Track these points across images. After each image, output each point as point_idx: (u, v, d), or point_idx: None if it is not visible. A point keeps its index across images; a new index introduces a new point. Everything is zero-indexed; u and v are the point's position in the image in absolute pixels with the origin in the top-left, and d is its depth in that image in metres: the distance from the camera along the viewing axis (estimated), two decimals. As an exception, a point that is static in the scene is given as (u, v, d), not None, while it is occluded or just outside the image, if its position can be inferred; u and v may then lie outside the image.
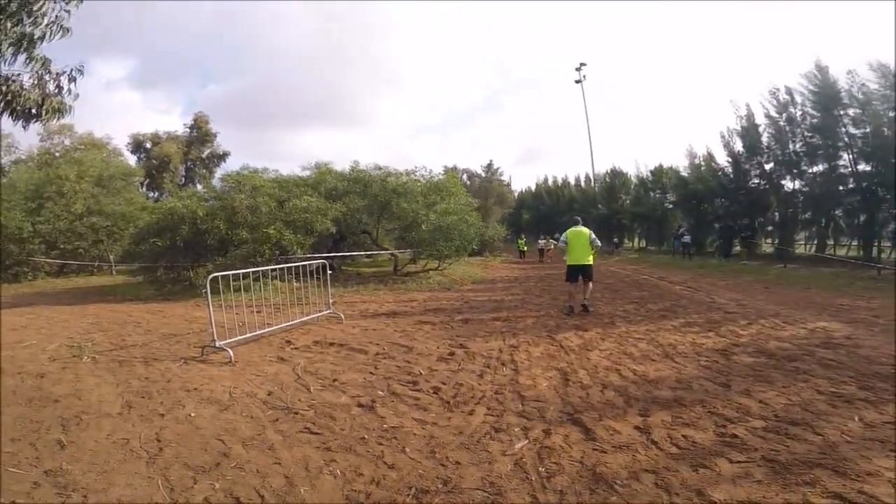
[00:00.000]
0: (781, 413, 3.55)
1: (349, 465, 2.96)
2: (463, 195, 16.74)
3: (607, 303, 9.07)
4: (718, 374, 4.55)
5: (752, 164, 19.69)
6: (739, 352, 5.27)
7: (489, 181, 36.65)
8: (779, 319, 6.92)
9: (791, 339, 5.81)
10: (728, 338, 5.93)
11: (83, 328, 8.03)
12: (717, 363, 4.89)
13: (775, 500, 2.45)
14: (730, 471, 2.77)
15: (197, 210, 13.24)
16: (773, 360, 4.89)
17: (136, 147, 41.68)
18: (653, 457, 2.98)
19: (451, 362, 5.23)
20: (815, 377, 4.31)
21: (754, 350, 5.33)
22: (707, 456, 2.95)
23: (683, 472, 2.77)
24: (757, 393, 3.98)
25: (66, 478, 2.81)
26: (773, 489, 2.55)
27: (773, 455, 2.91)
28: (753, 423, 3.41)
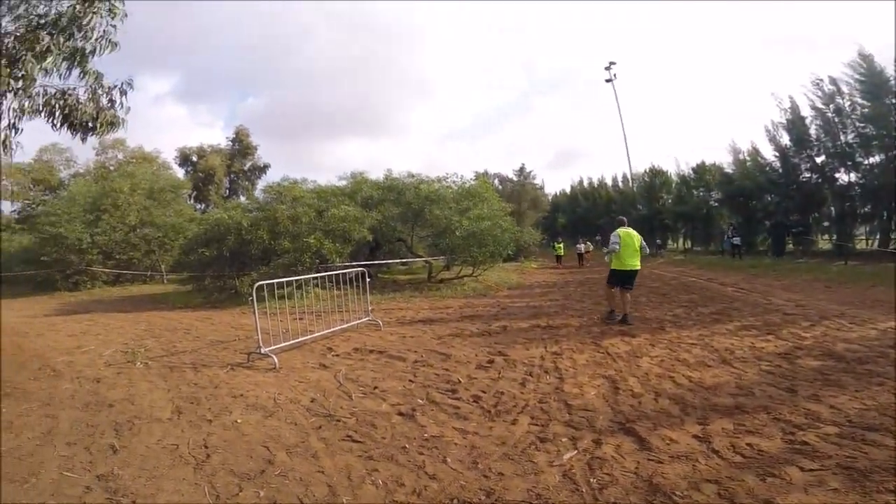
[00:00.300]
0: (856, 418, 3.27)
1: (391, 474, 2.90)
2: (495, 200, 16.57)
3: (654, 307, 8.69)
4: (782, 378, 4.25)
5: (802, 157, 18.62)
6: (804, 355, 4.92)
7: (522, 185, 36.13)
8: (845, 320, 6.43)
9: (860, 340, 5.38)
10: (790, 341, 5.54)
11: (137, 334, 8.37)
12: (781, 367, 4.57)
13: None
14: (801, 479, 2.57)
15: (242, 221, 13.75)
16: (843, 364, 4.53)
17: (183, 160, 43.70)
18: (714, 466, 2.80)
19: (491, 370, 5.10)
20: (891, 380, 3.96)
21: (820, 353, 4.96)
22: (775, 464, 2.74)
23: (749, 482, 2.58)
24: (827, 398, 3.69)
25: (116, 482, 2.87)
26: (852, 497, 2.35)
27: (849, 462, 2.69)
28: (825, 429, 3.16)
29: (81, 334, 8.56)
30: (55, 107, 5.85)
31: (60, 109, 5.83)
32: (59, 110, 5.85)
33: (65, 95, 5.87)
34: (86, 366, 5.98)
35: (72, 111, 5.87)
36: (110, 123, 6.08)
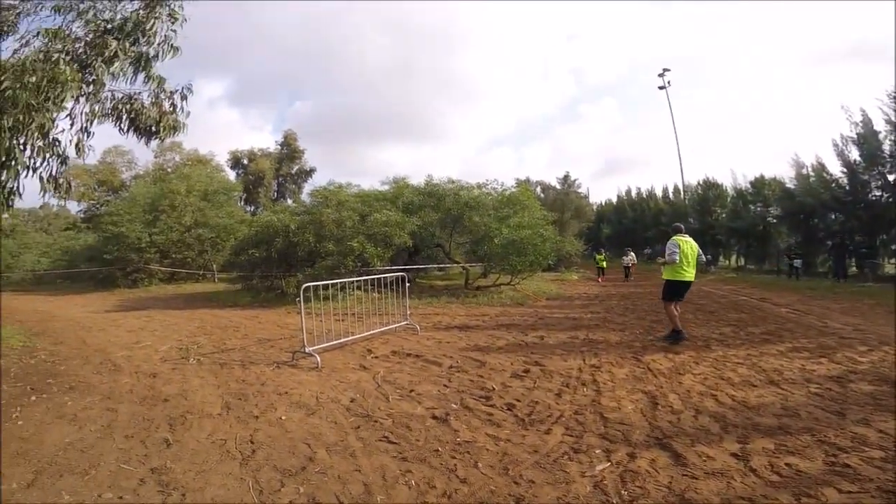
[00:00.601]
0: (906, 445, 3.08)
1: (423, 476, 2.99)
2: (537, 208, 16.30)
3: (700, 325, 8.39)
4: (831, 402, 4.06)
5: (873, 174, 17.27)
6: (857, 379, 4.66)
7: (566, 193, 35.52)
8: (909, 347, 5.98)
9: (926, 368, 5.01)
10: (844, 364, 5.24)
11: (191, 331, 8.88)
12: (831, 391, 4.36)
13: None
14: (838, 500, 2.51)
15: (289, 223, 14.32)
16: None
17: (234, 163, 45.86)
18: (750, 484, 2.75)
19: (526, 379, 5.11)
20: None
21: (875, 378, 4.68)
22: (812, 485, 2.68)
23: (783, 500, 2.54)
24: (877, 423, 3.52)
25: (168, 476, 3.04)
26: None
27: (891, 486, 2.60)
28: (870, 452, 3.04)
29: (139, 330, 9.16)
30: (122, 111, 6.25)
31: (127, 114, 6.22)
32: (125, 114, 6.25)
33: (131, 100, 6.27)
34: (143, 361, 6.40)
35: (137, 115, 6.25)
36: (172, 128, 6.44)
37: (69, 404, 4.54)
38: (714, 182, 28.56)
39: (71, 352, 7.11)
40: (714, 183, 28.50)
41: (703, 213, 27.94)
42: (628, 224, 36.94)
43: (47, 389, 5.05)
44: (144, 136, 6.44)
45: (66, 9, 5.60)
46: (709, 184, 28.78)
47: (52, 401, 4.66)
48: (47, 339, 8.19)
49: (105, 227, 22.17)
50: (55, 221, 42.92)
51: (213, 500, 2.74)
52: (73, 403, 4.57)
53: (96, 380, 5.46)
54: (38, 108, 4.73)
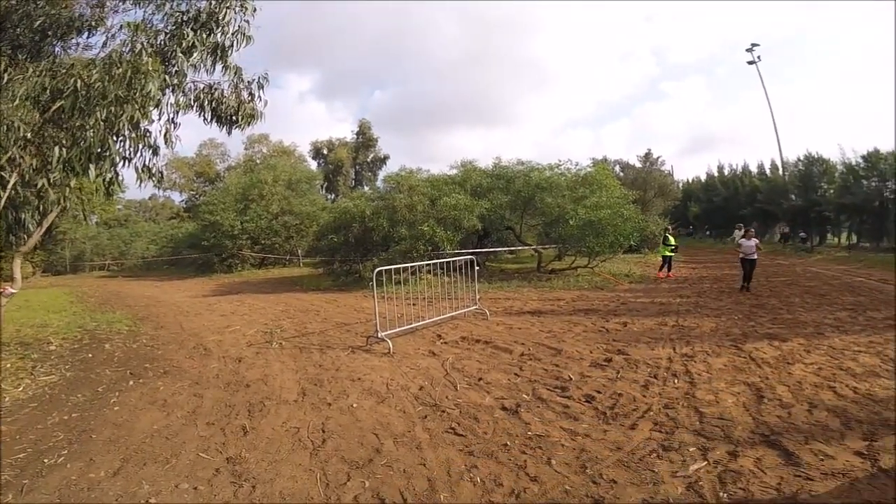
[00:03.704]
0: None
1: (490, 472, 2.81)
2: (616, 187, 15.26)
3: (810, 309, 7.39)
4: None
5: None
6: None
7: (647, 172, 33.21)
8: None
9: None
10: None
11: (275, 315, 9.34)
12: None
13: None
14: None
15: (365, 210, 14.74)
16: None
17: (315, 153, 48.31)
18: (880, 486, 2.37)
19: (608, 369, 4.73)
20: None
21: None
22: None
23: None
24: None
25: (242, 466, 3.08)
26: None
27: None
28: None
29: (231, 314, 9.78)
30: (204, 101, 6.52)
31: (209, 103, 6.48)
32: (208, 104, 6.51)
33: (212, 90, 6.52)
34: (231, 345, 6.76)
35: (218, 104, 6.49)
36: (250, 116, 6.62)
37: (161, 389, 4.84)
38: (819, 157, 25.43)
39: (169, 336, 7.72)
40: (819, 158, 25.39)
41: (807, 190, 25.11)
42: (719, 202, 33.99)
43: (144, 374, 5.45)
44: (226, 125, 6.68)
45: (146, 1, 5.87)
46: (812, 159, 25.68)
47: (146, 385, 5.00)
48: (150, 324, 8.98)
49: (203, 216, 24.17)
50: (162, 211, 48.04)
51: (282, 492, 2.73)
52: (164, 388, 4.87)
53: (188, 364, 5.82)
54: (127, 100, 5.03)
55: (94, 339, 7.61)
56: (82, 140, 5.06)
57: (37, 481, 2.96)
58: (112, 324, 8.92)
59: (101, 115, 4.94)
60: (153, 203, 48.90)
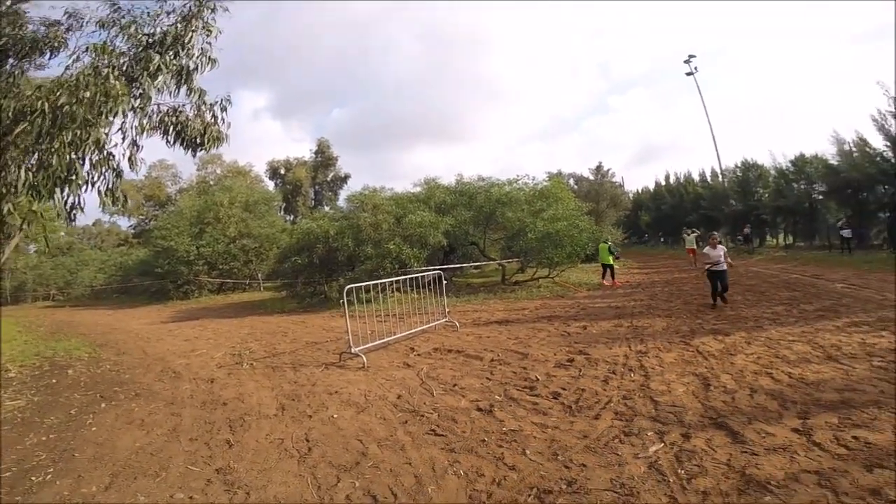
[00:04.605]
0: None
1: (471, 465, 3.04)
2: (570, 199, 16.06)
3: (751, 305, 8.07)
4: (895, 374, 3.85)
5: None
6: (925, 352, 4.36)
7: (599, 183, 34.87)
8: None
9: None
10: (908, 338, 4.92)
11: (242, 338, 9.24)
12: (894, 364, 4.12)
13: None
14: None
15: (329, 230, 14.71)
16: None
17: (272, 173, 47.19)
18: (815, 458, 2.71)
19: (571, 368, 5.08)
20: None
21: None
22: (885, 456, 2.60)
23: (854, 473, 2.49)
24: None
25: (233, 475, 3.20)
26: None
27: None
28: (944, 424, 2.85)
29: (194, 339, 9.60)
30: (168, 124, 6.53)
31: (174, 126, 6.49)
32: (172, 127, 6.52)
33: (176, 112, 6.54)
34: (200, 367, 6.71)
35: (183, 128, 6.51)
36: (216, 139, 6.67)
37: (136, 410, 4.84)
38: (754, 163, 27.51)
39: (133, 361, 7.55)
40: (754, 164, 27.47)
41: (745, 195, 27.03)
42: (667, 210, 35.85)
43: (115, 397, 5.40)
44: (190, 147, 6.68)
45: (110, 23, 5.87)
46: (748, 165, 27.76)
47: (120, 407, 4.98)
48: (111, 350, 8.73)
49: (155, 242, 23.16)
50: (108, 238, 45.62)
51: (276, 497, 2.86)
52: (139, 409, 4.86)
53: (159, 387, 5.78)
54: (94, 123, 5.04)
55: (55, 365, 7.38)
56: (48, 164, 5.02)
57: (29, 497, 3.00)
58: (71, 351, 8.61)
59: (68, 139, 4.94)
60: (98, 229, 46.44)
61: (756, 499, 2.34)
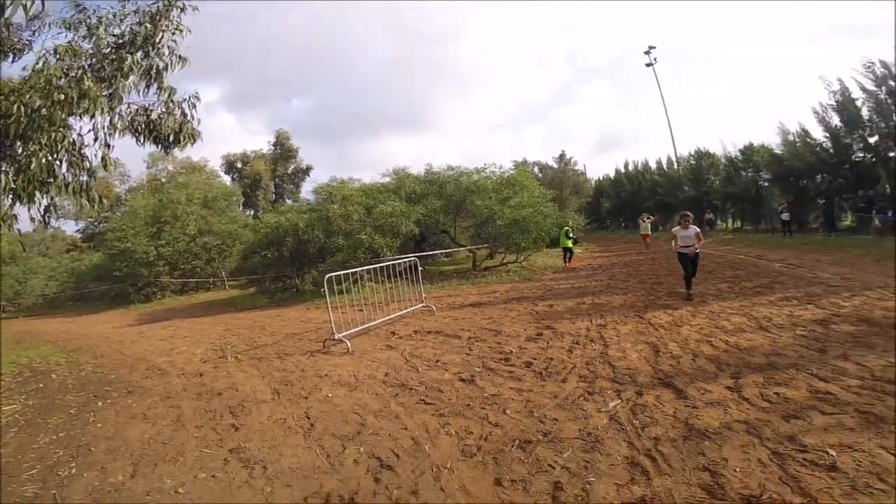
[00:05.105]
0: (879, 374, 3.57)
1: (461, 426, 3.49)
2: (535, 187, 16.74)
3: (698, 283, 8.82)
4: (815, 341, 4.55)
5: (854, 138, 18.17)
6: (840, 321, 5.13)
7: (562, 172, 36.05)
8: (886, 290, 6.46)
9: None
10: (828, 309, 5.72)
11: (219, 334, 9.36)
12: (815, 332, 4.84)
13: (867, 444, 2.61)
14: (822, 421, 2.96)
15: (298, 222, 14.75)
16: (876, 328, 4.74)
17: (228, 168, 45.09)
18: (744, 410, 3.24)
19: (540, 341, 5.64)
20: (925, 340, 4.18)
21: (856, 319, 5.15)
22: (799, 409, 3.15)
23: (775, 422, 3.02)
24: (855, 357, 3.99)
25: (246, 454, 3.49)
26: (865, 436, 2.71)
27: (866, 408, 3.04)
28: (848, 381, 3.50)
29: (170, 339, 9.64)
30: (139, 123, 6.53)
31: (146, 125, 6.49)
32: (144, 126, 6.51)
33: (147, 111, 6.54)
34: (185, 364, 6.87)
35: (155, 126, 6.52)
36: (191, 136, 6.70)
37: (134, 406, 5.02)
38: (706, 152, 29.12)
39: (114, 362, 7.60)
40: (706, 152, 29.08)
41: (698, 182, 28.62)
42: (627, 197, 37.35)
43: (108, 395, 5.53)
44: (164, 146, 6.69)
45: (76, 24, 5.81)
46: (701, 153, 29.35)
47: (117, 404, 5.14)
48: (87, 354, 8.69)
49: (110, 245, 22.09)
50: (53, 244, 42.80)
51: (290, 467, 3.19)
52: (137, 405, 5.04)
53: (149, 384, 5.93)
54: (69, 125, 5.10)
55: (35, 371, 7.36)
56: (27, 167, 5.07)
57: (63, 490, 3.22)
58: (46, 357, 8.55)
59: (45, 140, 4.99)
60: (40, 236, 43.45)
61: (697, 443, 2.85)
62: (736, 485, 2.39)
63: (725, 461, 2.62)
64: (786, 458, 2.59)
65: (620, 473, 2.63)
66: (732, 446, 2.77)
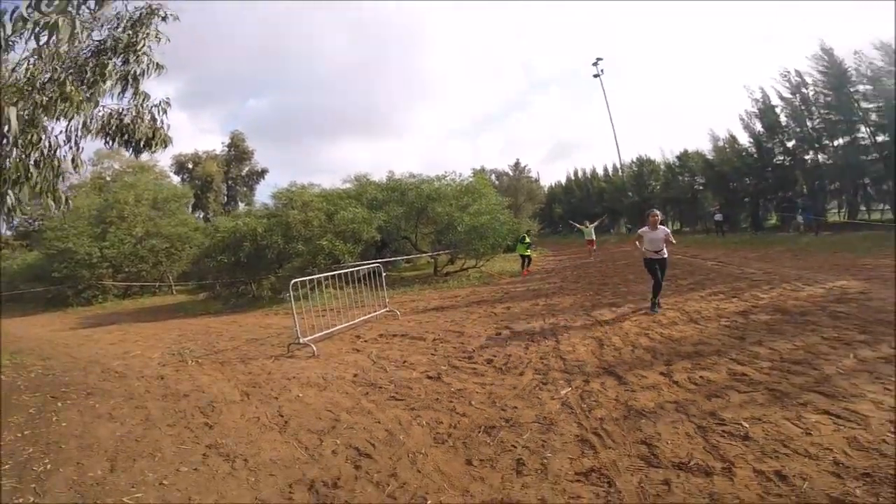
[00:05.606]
0: (786, 356, 4.23)
1: (431, 417, 3.82)
2: (493, 195, 17.41)
3: (641, 282, 9.67)
4: (736, 330, 5.25)
5: (774, 142, 20.12)
6: (758, 312, 5.91)
7: (517, 179, 37.32)
8: (800, 282, 7.42)
9: (808, 298, 6.40)
10: (749, 301, 6.54)
11: (174, 339, 9.16)
12: (737, 322, 5.57)
13: (774, 416, 3.15)
14: (738, 399, 3.52)
15: (257, 227, 14.60)
16: (787, 316, 5.53)
17: (179, 168, 42.92)
18: (675, 392, 3.78)
19: (499, 340, 6.11)
20: (823, 327, 4.96)
21: (772, 309, 5.95)
22: (719, 389, 3.71)
23: (699, 401, 3.55)
24: (768, 343, 4.67)
25: (224, 449, 3.62)
26: (773, 409, 3.26)
27: (774, 386, 3.64)
28: (761, 364, 4.13)
29: (120, 342, 9.34)
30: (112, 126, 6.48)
31: (118, 129, 6.45)
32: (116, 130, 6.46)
33: (120, 115, 6.51)
34: (142, 367, 6.75)
35: (127, 130, 6.48)
36: (163, 141, 6.70)
37: (97, 407, 4.96)
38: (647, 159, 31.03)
39: (65, 365, 7.36)
40: (647, 160, 30.99)
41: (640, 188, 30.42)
42: (576, 203, 38.92)
43: (67, 397, 5.43)
44: (135, 149, 6.65)
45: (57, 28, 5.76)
46: (642, 161, 31.25)
47: (79, 405, 5.07)
48: (32, 356, 8.31)
49: (49, 244, 20.77)
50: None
51: (271, 459, 3.37)
52: (100, 406, 4.99)
53: (108, 385, 5.84)
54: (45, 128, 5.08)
55: (-25, 372, 7.00)
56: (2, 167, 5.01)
57: (44, 484, 3.27)
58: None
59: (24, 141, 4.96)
60: None
61: (635, 421, 3.32)
62: (668, 454, 2.83)
63: (659, 435, 3.08)
64: (708, 430, 3.07)
65: (572, 449, 3.05)
66: (665, 422, 3.25)
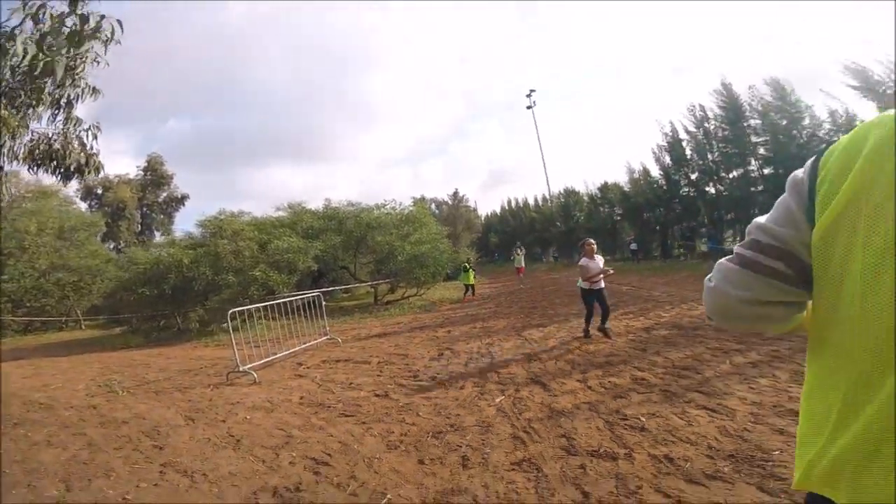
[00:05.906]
0: (677, 363, 5.08)
1: (382, 428, 4.16)
2: (433, 224, 17.93)
3: (564, 306, 10.65)
4: (640, 343, 6.13)
5: (681, 174, 22.12)
6: (659, 328, 6.90)
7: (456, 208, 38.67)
8: (696, 302, 8.63)
9: (700, 315, 7.51)
10: (653, 319, 7.58)
11: (96, 372, 8.57)
12: (641, 337, 6.50)
13: (665, 412, 3.85)
14: (637, 398, 4.22)
15: (182, 258, 13.93)
16: (682, 331, 6.53)
17: (86, 193, 38.89)
18: (588, 395, 4.44)
19: (442, 360, 6.59)
20: (709, 339, 5.94)
21: (670, 326, 6.97)
22: (623, 392, 4.42)
23: (608, 401, 4.22)
24: (664, 353, 5.54)
25: (182, 466, 3.67)
26: (664, 406, 3.97)
27: (666, 387, 4.40)
28: (657, 370, 4.94)
29: (35, 375, 8.59)
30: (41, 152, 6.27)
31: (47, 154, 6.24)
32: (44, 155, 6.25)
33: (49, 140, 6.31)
34: (69, 398, 6.35)
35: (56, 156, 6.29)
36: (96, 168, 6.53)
37: (30, 435, 4.69)
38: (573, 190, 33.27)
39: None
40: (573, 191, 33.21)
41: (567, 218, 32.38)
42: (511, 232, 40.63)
43: (-10, 426, 5.04)
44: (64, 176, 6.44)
45: None
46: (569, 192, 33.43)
47: (8, 435, 4.74)
48: (-67, 390, 7.50)
49: None
50: None
51: (231, 472, 3.50)
52: (34, 434, 4.72)
53: (36, 416, 5.48)
54: None
55: None
56: None
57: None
58: None
59: None
60: None
61: (556, 420, 3.90)
62: (583, 444, 3.41)
63: (576, 429, 3.67)
64: (614, 424, 3.70)
65: (507, 445, 3.55)
66: (580, 419, 3.86)
